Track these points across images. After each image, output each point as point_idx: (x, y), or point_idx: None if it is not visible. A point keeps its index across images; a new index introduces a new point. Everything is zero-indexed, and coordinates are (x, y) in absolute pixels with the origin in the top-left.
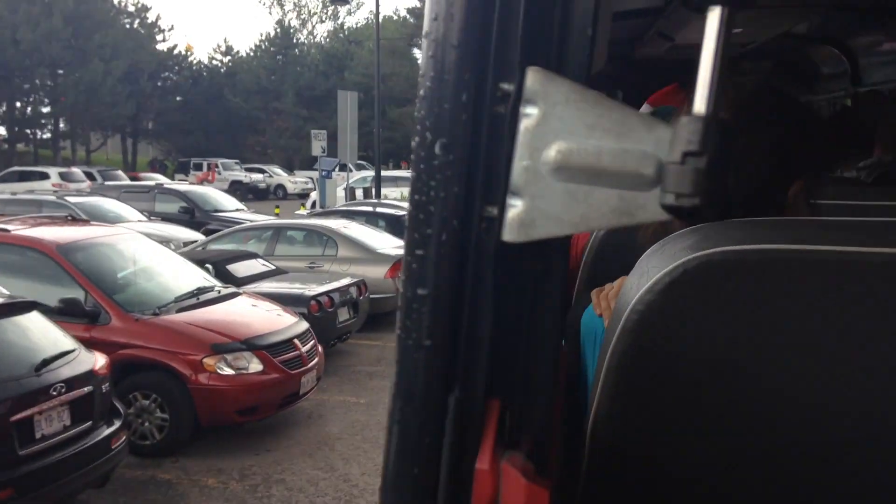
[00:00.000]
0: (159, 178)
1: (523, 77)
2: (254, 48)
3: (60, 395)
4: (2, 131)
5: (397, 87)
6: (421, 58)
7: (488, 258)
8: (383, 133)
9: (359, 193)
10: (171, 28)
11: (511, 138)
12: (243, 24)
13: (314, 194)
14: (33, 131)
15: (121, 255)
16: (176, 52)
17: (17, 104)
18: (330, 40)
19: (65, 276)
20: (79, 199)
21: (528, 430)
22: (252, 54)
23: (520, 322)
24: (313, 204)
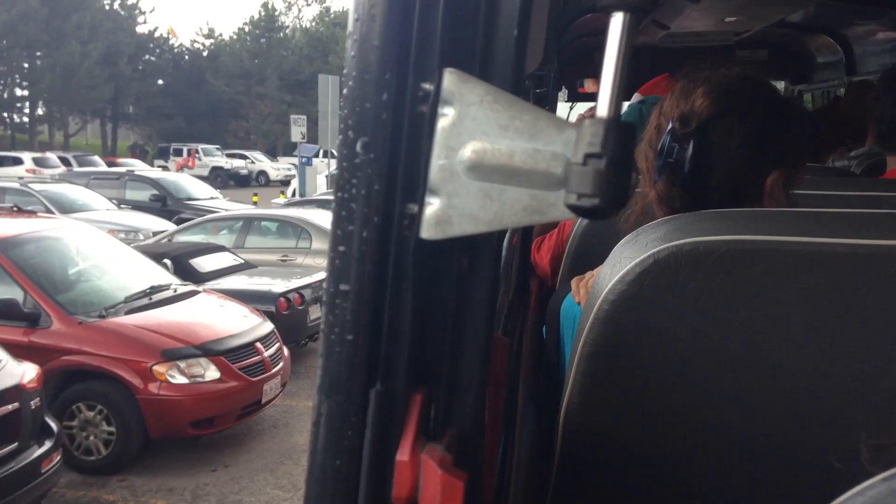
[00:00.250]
0: (138, 164)
1: (441, 78)
2: (237, 31)
3: None
4: None
5: None
6: (345, 58)
7: (409, 254)
8: None
9: None
10: (153, 10)
11: (430, 137)
12: (227, 6)
13: (295, 181)
14: (9, 115)
15: (66, 251)
16: (157, 35)
17: None
18: (316, 24)
19: (2, 273)
20: (44, 187)
21: (453, 423)
22: (235, 38)
23: (444, 317)
24: (294, 192)
